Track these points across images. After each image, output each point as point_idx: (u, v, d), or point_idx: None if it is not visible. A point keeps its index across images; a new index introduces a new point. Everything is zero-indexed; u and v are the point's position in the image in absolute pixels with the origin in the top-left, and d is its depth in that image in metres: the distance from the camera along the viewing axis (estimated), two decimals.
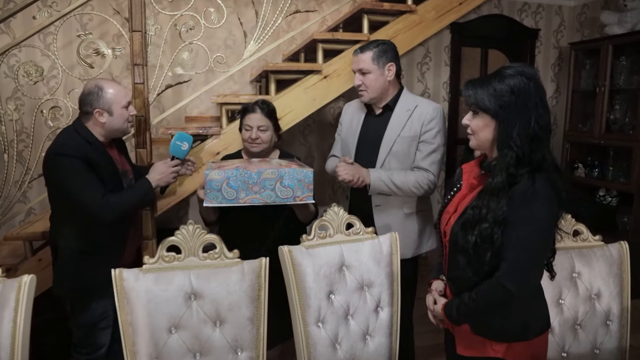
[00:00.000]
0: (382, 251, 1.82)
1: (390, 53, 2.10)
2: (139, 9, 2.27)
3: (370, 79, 2.09)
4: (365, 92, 2.13)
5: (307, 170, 1.74)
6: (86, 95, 1.91)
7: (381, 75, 2.09)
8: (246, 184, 1.68)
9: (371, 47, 2.09)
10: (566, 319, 1.75)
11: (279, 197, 1.72)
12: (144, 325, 1.48)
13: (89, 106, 1.90)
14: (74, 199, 1.84)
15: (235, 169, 1.69)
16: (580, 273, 1.78)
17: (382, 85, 2.11)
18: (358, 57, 2.11)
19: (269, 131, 2.08)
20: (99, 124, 1.93)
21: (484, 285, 1.31)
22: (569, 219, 1.83)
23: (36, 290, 2.33)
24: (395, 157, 2.11)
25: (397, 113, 2.13)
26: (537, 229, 1.27)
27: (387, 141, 2.12)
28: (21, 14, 2.95)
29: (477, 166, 1.44)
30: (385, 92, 2.14)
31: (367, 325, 1.78)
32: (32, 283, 1.44)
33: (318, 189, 3.84)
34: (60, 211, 1.97)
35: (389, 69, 2.10)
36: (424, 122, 2.08)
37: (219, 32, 3.39)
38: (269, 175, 1.70)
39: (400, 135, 2.10)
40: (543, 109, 1.29)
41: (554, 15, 4.34)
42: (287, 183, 1.72)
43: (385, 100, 2.16)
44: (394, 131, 2.11)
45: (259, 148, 2.08)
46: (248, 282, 1.57)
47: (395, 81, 2.16)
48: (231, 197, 1.69)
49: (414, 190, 2.06)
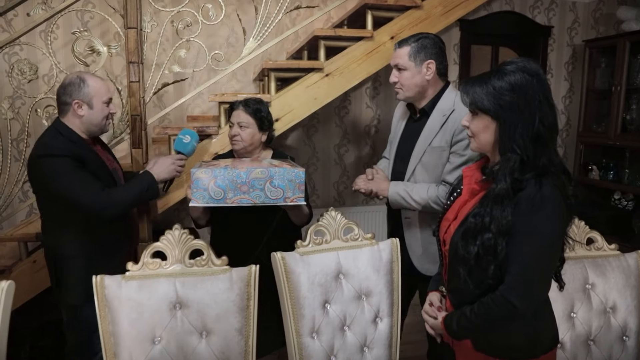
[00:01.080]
0: (382, 258, 1.73)
1: (430, 49, 1.92)
2: (134, 5, 2.21)
3: (405, 76, 1.93)
4: (400, 90, 1.98)
5: (299, 170, 1.65)
6: (66, 86, 1.83)
7: (418, 74, 1.92)
8: (234, 183, 1.60)
9: (410, 42, 1.92)
10: (578, 334, 1.63)
11: (268, 197, 1.63)
12: (126, 335, 1.40)
13: (68, 96, 1.82)
14: (72, 199, 1.76)
15: (224, 168, 1.61)
16: (594, 284, 1.67)
17: (418, 84, 1.94)
18: (396, 52, 1.96)
19: (250, 129, 2.00)
20: (77, 117, 1.85)
21: (486, 299, 1.21)
22: (582, 226, 1.72)
23: (31, 292, 2.33)
24: (424, 167, 1.97)
25: (433, 119, 1.96)
26: (545, 239, 1.17)
27: (417, 151, 1.98)
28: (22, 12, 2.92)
29: (478, 170, 1.34)
30: (423, 92, 1.97)
31: (365, 336, 1.69)
32: (10, 289, 1.37)
33: (325, 190, 3.81)
34: (57, 218, 1.88)
35: (428, 66, 1.92)
36: (456, 131, 1.88)
37: (220, 30, 3.33)
38: (259, 174, 1.61)
39: (431, 146, 1.94)
40: (548, 107, 1.19)
41: (567, 11, 4.20)
42: (277, 183, 1.63)
43: (424, 101, 1.99)
44: (425, 140, 1.96)
45: (238, 146, 2.02)
46: (237, 290, 1.49)
47: (437, 80, 1.97)
48: (218, 197, 1.61)
49: (434, 207, 1.90)
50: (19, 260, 2.37)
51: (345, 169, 3.83)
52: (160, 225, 2.45)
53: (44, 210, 1.92)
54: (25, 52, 2.93)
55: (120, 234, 1.98)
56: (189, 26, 2.43)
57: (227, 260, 1.53)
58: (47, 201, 1.88)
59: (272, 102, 2.49)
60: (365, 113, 3.81)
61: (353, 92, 3.70)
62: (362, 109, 3.80)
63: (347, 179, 3.85)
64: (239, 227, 1.98)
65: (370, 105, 3.81)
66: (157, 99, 3.21)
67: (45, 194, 1.85)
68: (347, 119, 3.77)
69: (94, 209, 1.77)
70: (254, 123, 2.00)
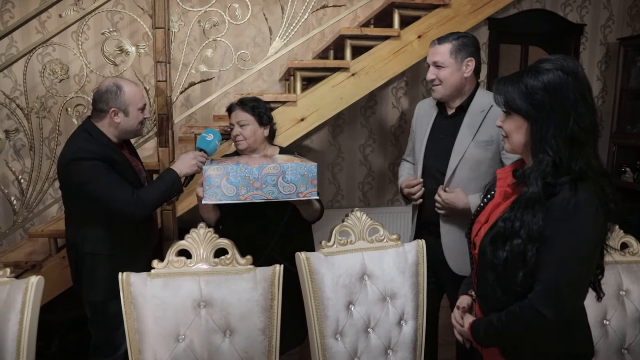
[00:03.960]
0: (408, 260, 1.70)
1: (471, 47, 1.94)
2: (162, 5, 2.23)
3: (445, 73, 1.93)
4: (438, 87, 1.96)
5: (311, 165, 1.63)
6: (103, 93, 1.86)
7: (458, 71, 1.93)
8: (247, 179, 1.59)
9: (450, 39, 1.93)
10: (611, 342, 1.57)
11: (281, 193, 1.62)
12: (151, 332, 1.42)
13: (105, 104, 1.86)
14: (105, 200, 1.79)
15: (236, 164, 1.60)
16: (628, 291, 1.61)
17: (457, 81, 1.94)
18: (435, 49, 1.96)
19: (250, 125, 2.00)
20: (113, 124, 1.89)
21: (515, 308, 1.16)
22: (616, 229, 1.66)
23: (60, 287, 2.38)
24: (467, 164, 1.93)
25: (471, 114, 1.95)
26: (579, 248, 1.11)
27: (459, 146, 1.94)
28: (55, 14, 2.99)
29: (511, 172, 1.29)
30: (461, 90, 1.97)
31: (389, 339, 1.66)
32: (39, 284, 1.40)
33: (350, 190, 3.78)
34: (82, 215, 1.91)
35: (468, 64, 1.93)
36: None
37: (247, 30, 3.34)
38: (271, 170, 1.60)
39: (475, 140, 1.91)
40: (585, 108, 1.12)
41: (601, 9, 4.07)
42: (289, 178, 1.61)
43: (461, 98, 1.99)
44: (467, 135, 1.93)
45: (242, 145, 2.02)
46: (260, 290, 1.49)
47: (473, 78, 1.99)
48: (231, 194, 1.60)
49: None
50: (49, 256, 2.42)
51: (371, 169, 3.80)
52: (185, 223, 2.47)
53: (69, 208, 1.96)
54: (57, 53, 3.00)
55: (142, 231, 2.00)
56: (216, 26, 2.45)
57: (251, 260, 1.53)
58: (73, 199, 1.92)
59: (297, 101, 2.49)
60: (391, 113, 3.77)
61: (379, 92, 3.67)
62: (388, 109, 3.77)
63: (372, 180, 3.82)
64: (249, 225, 1.98)
65: (396, 105, 3.77)
66: (184, 98, 3.24)
67: (73, 194, 1.88)
68: (372, 119, 3.74)
69: (126, 211, 1.80)
70: (253, 119, 2.00)
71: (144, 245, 2.04)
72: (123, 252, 1.91)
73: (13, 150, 3.15)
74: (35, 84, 2.95)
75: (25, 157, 3.16)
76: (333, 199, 3.76)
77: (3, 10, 3.05)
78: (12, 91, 3.06)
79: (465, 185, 1.94)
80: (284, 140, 2.45)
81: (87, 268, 1.92)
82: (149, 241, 2.10)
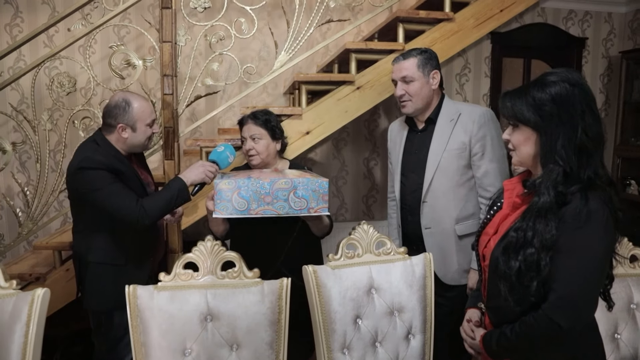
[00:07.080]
0: (415, 273, 1.69)
1: (434, 60, 2.05)
2: (169, 19, 2.25)
3: (415, 87, 2.00)
4: (409, 102, 2.02)
5: (322, 181, 1.63)
6: (112, 108, 1.88)
7: (426, 84, 2.01)
8: (258, 194, 1.59)
9: (414, 54, 2.01)
10: (623, 356, 1.56)
11: (292, 208, 1.61)
12: (157, 345, 1.40)
13: (113, 119, 1.87)
14: (109, 209, 1.79)
15: (247, 178, 1.60)
16: (639, 304, 1.59)
17: (427, 94, 2.02)
18: (400, 65, 2.01)
19: (264, 140, 1.98)
20: (120, 140, 1.90)
21: (529, 318, 1.15)
22: (625, 242, 1.65)
23: (63, 300, 2.36)
24: (443, 173, 2.00)
25: (441, 125, 2.03)
26: (592, 255, 1.11)
27: (433, 157, 2.01)
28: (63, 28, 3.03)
29: (519, 183, 1.29)
30: (430, 102, 2.05)
31: (397, 353, 1.64)
32: (45, 297, 1.39)
33: (354, 204, 3.78)
34: (89, 224, 1.92)
35: (434, 76, 2.02)
36: (473, 131, 1.97)
37: (252, 44, 3.37)
38: (282, 185, 1.60)
39: (447, 149, 1.98)
40: (592, 118, 1.15)
41: (602, 22, 4.10)
42: (301, 194, 1.61)
43: (429, 111, 2.06)
44: (439, 145, 2.00)
45: (256, 160, 1.98)
46: (268, 304, 1.48)
47: (439, 90, 2.08)
48: (242, 208, 1.60)
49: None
50: (53, 269, 2.42)
51: (375, 182, 3.80)
52: (190, 236, 2.47)
53: (79, 217, 1.96)
54: (64, 66, 3.02)
55: (148, 242, 2.00)
56: (222, 40, 2.48)
57: (258, 273, 1.52)
58: (80, 208, 1.92)
59: (303, 114, 2.50)
60: None
61: (383, 105, 3.68)
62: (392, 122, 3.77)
63: (377, 193, 3.81)
64: (259, 238, 1.95)
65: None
66: (190, 112, 3.26)
67: (82, 203, 1.89)
68: (376, 132, 3.75)
69: (131, 220, 1.80)
70: (266, 133, 1.98)
71: (149, 256, 2.03)
72: (128, 262, 1.91)
73: (19, 162, 3.16)
74: (43, 97, 2.98)
75: (30, 169, 3.17)
76: (337, 212, 3.76)
77: (12, 25, 3.08)
78: (19, 104, 3.08)
79: (443, 194, 2.01)
80: (290, 154, 2.45)
81: (92, 277, 1.92)
82: (155, 252, 2.10)
